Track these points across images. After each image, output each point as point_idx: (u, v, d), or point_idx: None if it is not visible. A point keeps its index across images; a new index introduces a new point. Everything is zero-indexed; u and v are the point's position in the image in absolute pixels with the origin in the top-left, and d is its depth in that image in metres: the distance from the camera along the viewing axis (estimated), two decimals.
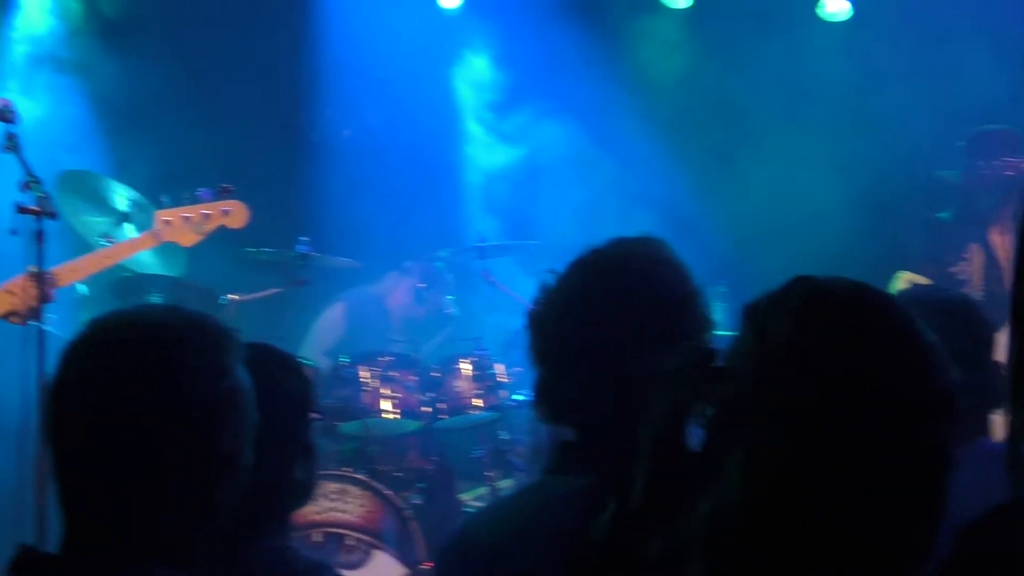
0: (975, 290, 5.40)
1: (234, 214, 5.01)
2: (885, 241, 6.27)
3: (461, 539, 2.13)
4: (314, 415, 2.41)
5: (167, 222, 4.89)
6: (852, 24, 7.62)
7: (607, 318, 1.97)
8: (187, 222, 4.90)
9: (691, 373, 1.39)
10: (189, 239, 4.95)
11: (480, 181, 8.11)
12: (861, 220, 6.78)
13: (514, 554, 1.92)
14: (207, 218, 4.94)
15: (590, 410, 1.96)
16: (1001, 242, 5.52)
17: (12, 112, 4.03)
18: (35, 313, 4.13)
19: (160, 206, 4.92)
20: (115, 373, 1.73)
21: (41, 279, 4.25)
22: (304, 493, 2.40)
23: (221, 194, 4.97)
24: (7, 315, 4.06)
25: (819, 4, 7.66)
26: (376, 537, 5.18)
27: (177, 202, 4.92)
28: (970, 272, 5.44)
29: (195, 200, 4.94)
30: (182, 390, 1.73)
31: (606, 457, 1.84)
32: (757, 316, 1.35)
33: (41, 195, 3.77)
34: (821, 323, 1.31)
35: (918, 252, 5.57)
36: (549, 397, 2.02)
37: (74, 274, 4.51)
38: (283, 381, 2.30)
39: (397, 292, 6.89)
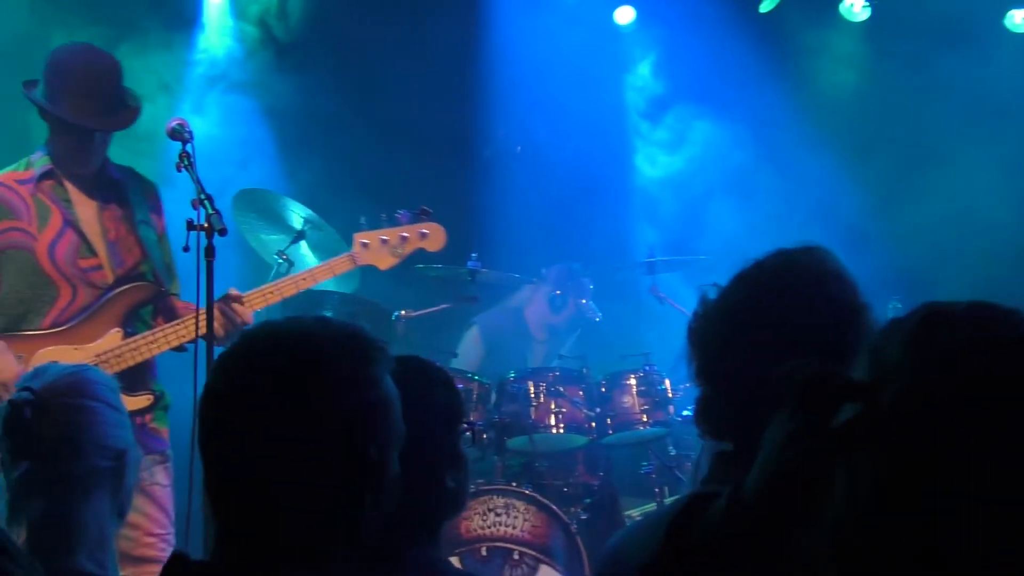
0: None
1: (432, 237, 4.99)
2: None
3: (615, 552, 2.10)
4: (465, 426, 2.43)
5: (365, 244, 4.88)
6: None
7: (770, 335, 1.92)
8: (384, 244, 4.89)
9: (816, 393, 1.33)
10: (386, 262, 4.93)
11: (650, 196, 8.07)
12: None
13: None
14: (405, 240, 4.93)
15: (750, 426, 1.88)
16: None
17: (187, 131, 4.18)
18: (233, 335, 4.23)
19: (358, 228, 4.91)
20: (264, 382, 1.77)
21: (239, 301, 4.39)
22: (455, 503, 2.41)
23: (420, 216, 4.95)
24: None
25: (1007, 15, 7.40)
26: (542, 552, 5.18)
27: (375, 224, 4.92)
28: None
29: (394, 222, 4.93)
30: (330, 399, 1.76)
31: None
32: (875, 338, 1.30)
33: (211, 212, 3.88)
34: (931, 341, 1.25)
35: None
36: (710, 414, 1.99)
37: (272, 296, 4.59)
38: (431, 392, 2.32)
39: (534, 302, 6.89)
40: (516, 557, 5.15)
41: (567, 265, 6.83)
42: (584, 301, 6.76)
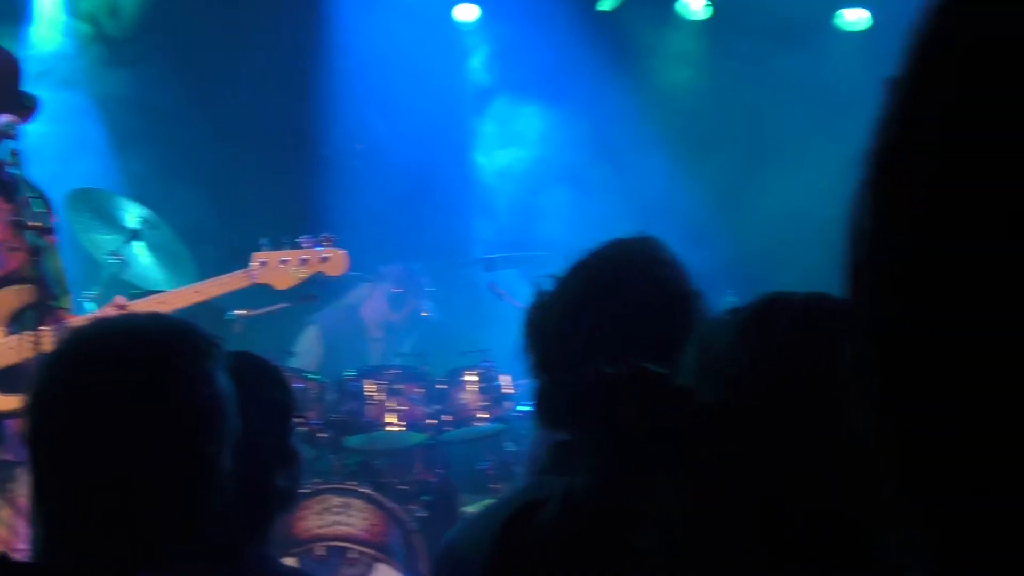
0: None
1: (333, 261, 5.01)
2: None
3: (452, 547, 2.11)
4: (297, 422, 2.43)
5: (263, 263, 4.88)
6: (871, 33, 7.61)
7: (605, 323, 1.95)
8: (284, 265, 4.90)
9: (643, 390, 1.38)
10: (285, 282, 4.94)
11: (489, 192, 8.14)
12: None
13: None
14: (305, 263, 4.94)
15: (588, 416, 1.93)
16: None
17: (15, 129, 4.07)
18: None
19: (258, 248, 4.91)
20: (96, 379, 1.76)
21: (124, 310, 4.28)
22: (286, 501, 2.41)
23: (322, 242, 4.99)
24: None
25: (837, 14, 7.65)
26: (380, 550, 5.19)
27: (276, 246, 4.92)
28: None
29: (294, 245, 4.95)
30: (163, 395, 1.76)
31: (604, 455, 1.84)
32: (704, 328, 1.35)
33: (41, 211, 3.80)
34: (769, 330, 1.31)
35: None
36: (549, 404, 2.00)
37: (160, 307, 4.51)
38: (263, 389, 2.32)
39: (371, 300, 6.90)
40: (353, 556, 5.15)
41: (406, 264, 6.86)
42: (422, 301, 6.80)
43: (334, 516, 5.19)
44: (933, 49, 0.67)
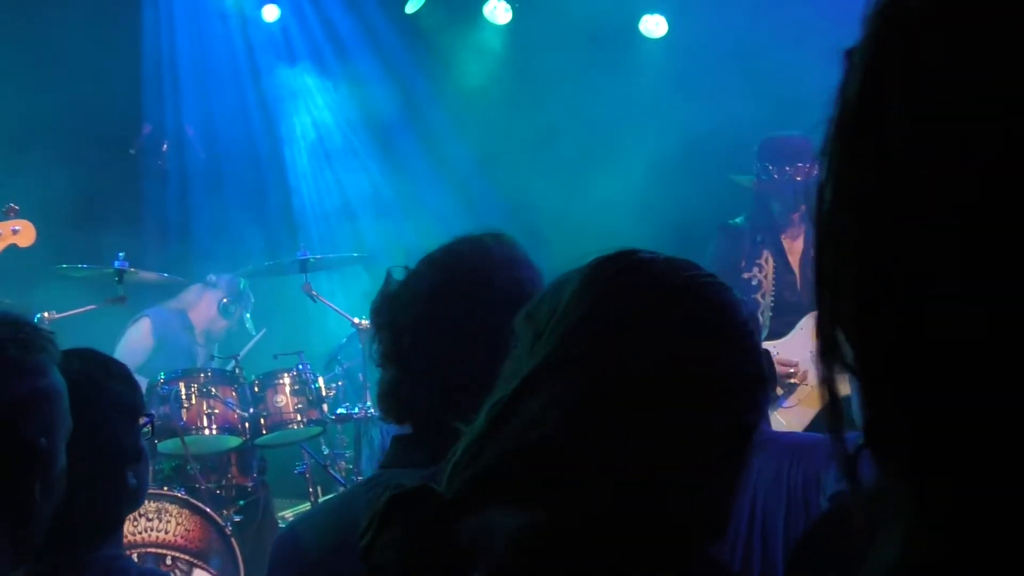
0: (767, 295, 5.54)
1: (23, 233, 5.02)
2: (684, 249, 6.42)
3: (292, 536, 2.07)
4: (145, 420, 2.37)
5: None
6: (668, 40, 7.82)
7: (461, 317, 1.94)
8: None
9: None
10: None
11: (302, 194, 8.08)
12: (665, 228, 6.96)
13: (353, 544, 1.89)
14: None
15: (437, 408, 1.93)
16: (791, 247, 5.68)
17: None
18: None
19: None
20: None
21: None
22: (135, 499, 2.35)
23: (8, 214, 4.91)
24: None
25: (641, 19, 7.84)
26: (196, 556, 5.08)
27: None
28: (761, 277, 5.57)
29: None
30: None
31: (446, 448, 1.86)
32: (555, 289, 1.36)
33: None
34: (604, 278, 1.33)
35: (713, 257, 5.63)
36: (396, 396, 1.98)
37: None
38: (111, 385, 2.25)
39: (200, 305, 6.80)
40: (169, 562, 5.02)
41: (236, 276, 6.77)
42: (247, 315, 6.74)
43: (149, 522, 5.06)
44: (893, 19, 0.69)
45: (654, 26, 7.82)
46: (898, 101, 0.66)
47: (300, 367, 5.94)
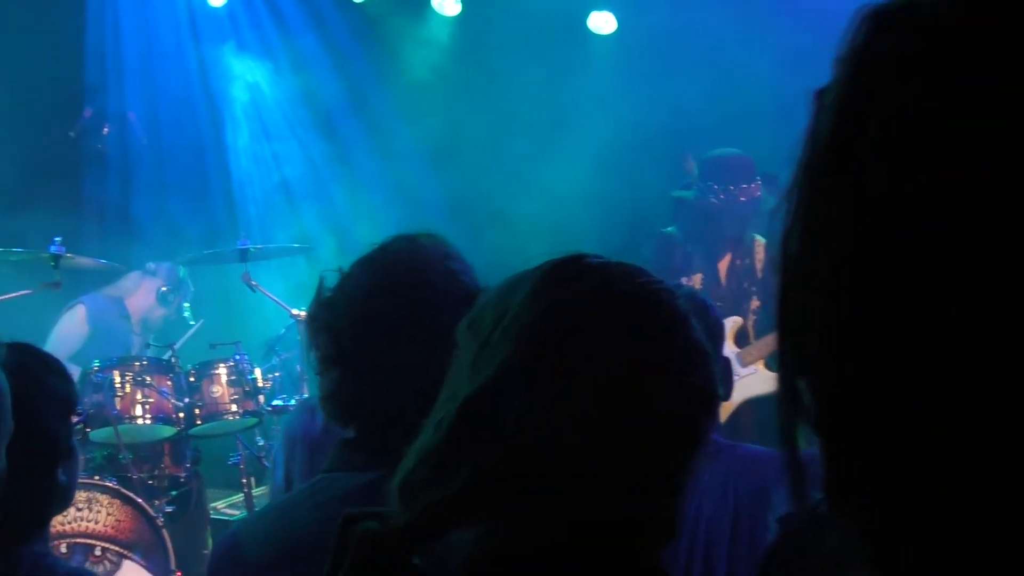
0: None
1: None
2: (635, 244, 6.46)
3: (234, 542, 2.03)
4: (77, 418, 2.34)
5: None
6: (617, 37, 7.84)
7: (403, 317, 1.94)
8: None
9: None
10: None
11: (246, 184, 8.02)
12: (614, 224, 6.99)
13: (298, 552, 1.87)
14: None
15: (381, 410, 1.92)
16: (726, 265, 5.75)
17: None
18: None
19: None
20: None
21: None
22: (65, 497, 2.32)
23: None
24: None
25: (588, 17, 7.85)
26: (126, 547, 5.04)
27: None
28: (690, 287, 5.62)
29: None
30: None
31: (394, 451, 1.85)
32: (500, 296, 1.35)
33: None
34: (563, 287, 1.32)
35: (647, 263, 5.66)
36: (340, 399, 1.98)
37: None
38: (47, 382, 2.22)
39: (138, 293, 6.73)
40: (98, 553, 4.97)
41: (176, 264, 6.70)
42: (186, 304, 6.68)
43: (78, 512, 5.00)
44: (867, 63, 0.67)
45: (603, 22, 7.84)
46: (874, 150, 0.64)
47: (237, 357, 5.89)
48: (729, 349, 5.42)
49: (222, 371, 5.83)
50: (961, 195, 0.61)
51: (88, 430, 5.40)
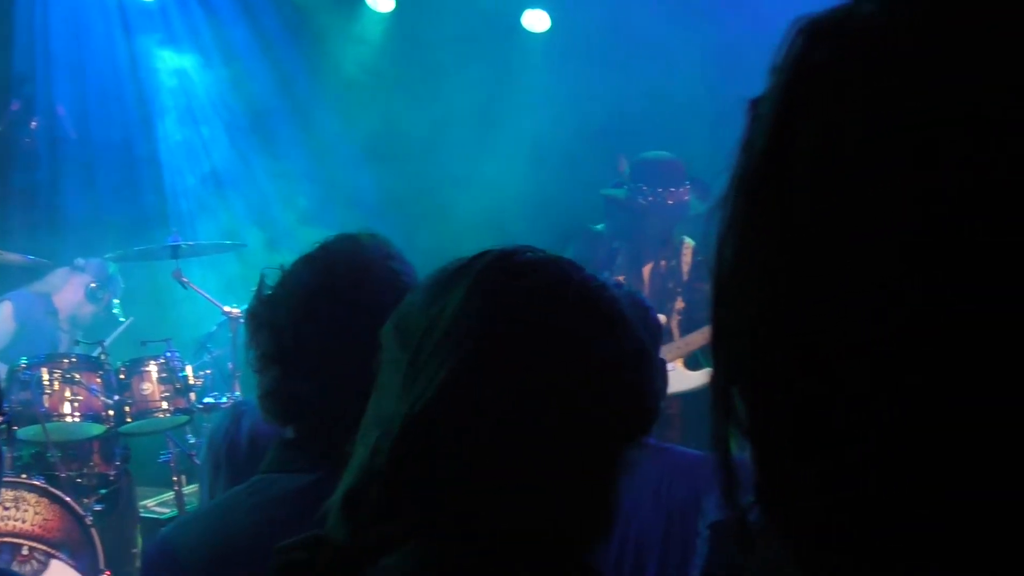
0: None
1: None
2: (553, 248, 6.47)
3: (166, 550, 1.98)
4: (2, 419, 2.33)
5: None
6: (551, 36, 7.87)
7: (345, 315, 1.94)
8: None
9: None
10: None
11: (177, 180, 7.96)
12: (542, 228, 7.01)
13: (235, 555, 1.86)
14: None
15: (322, 409, 1.91)
16: (652, 265, 5.83)
17: None
18: None
19: None
20: None
21: None
22: None
23: None
24: None
25: (523, 14, 7.88)
26: (54, 546, 5.00)
27: None
28: (633, 289, 5.68)
29: None
30: None
31: (334, 452, 1.86)
32: (430, 298, 1.33)
33: None
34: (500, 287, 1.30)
35: (572, 258, 5.72)
36: (279, 397, 1.97)
37: None
38: None
39: (67, 290, 6.65)
40: (26, 552, 4.93)
41: (106, 260, 6.63)
42: (116, 300, 6.61)
43: (5, 511, 4.96)
44: (801, 74, 0.67)
45: (537, 20, 7.87)
46: (807, 161, 0.64)
47: (168, 354, 5.84)
48: None
49: (153, 368, 5.78)
50: (898, 204, 0.61)
51: (15, 428, 5.34)
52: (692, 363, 5.61)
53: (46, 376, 5.51)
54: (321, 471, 1.86)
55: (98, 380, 5.66)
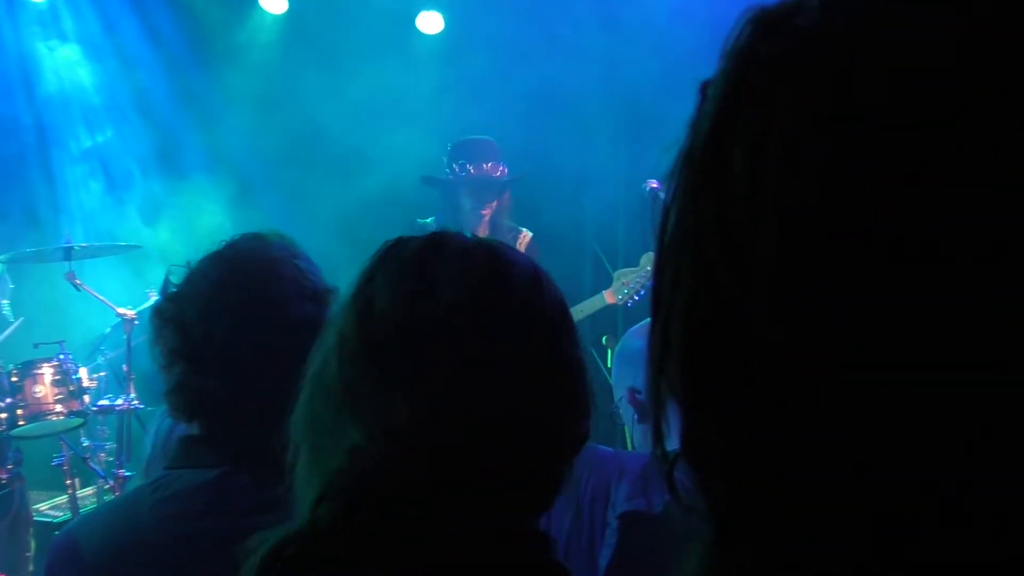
0: None
1: None
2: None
3: (69, 544, 1.97)
4: None
5: None
6: (445, 37, 7.93)
7: (252, 302, 1.97)
8: None
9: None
10: None
11: (69, 180, 7.86)
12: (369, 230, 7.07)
13: (139, 550, 1.87)
14: None
15: (229, 403, 1.93)
16: None
17: None
18: None
19: None
20: None
21: None
22: None
23: None
24: None
25: (418, 15, 7.91)
26: None
27: None
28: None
29: None
30: None
31: (238, 447, 1.89)
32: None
33: None
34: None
35: None
36: (187, 393, 1.98)
37: None
38: None
39: None
40: None
41: None
42: (5, 301, 6.51)
43: None
44: (748, 63, 0.68)
45: (431, 22, 7.93)
46: (741, 152, 0.65)
47: (61, 357, 5.80)
48: None
49: (46, 371, 5.74)
50: (812, 204, 0.62)
51: None
52: None
53: None
54: (225, 466, 1.91)
55: None
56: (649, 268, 5.58)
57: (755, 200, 0.64)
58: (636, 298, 5.72)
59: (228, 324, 1.96)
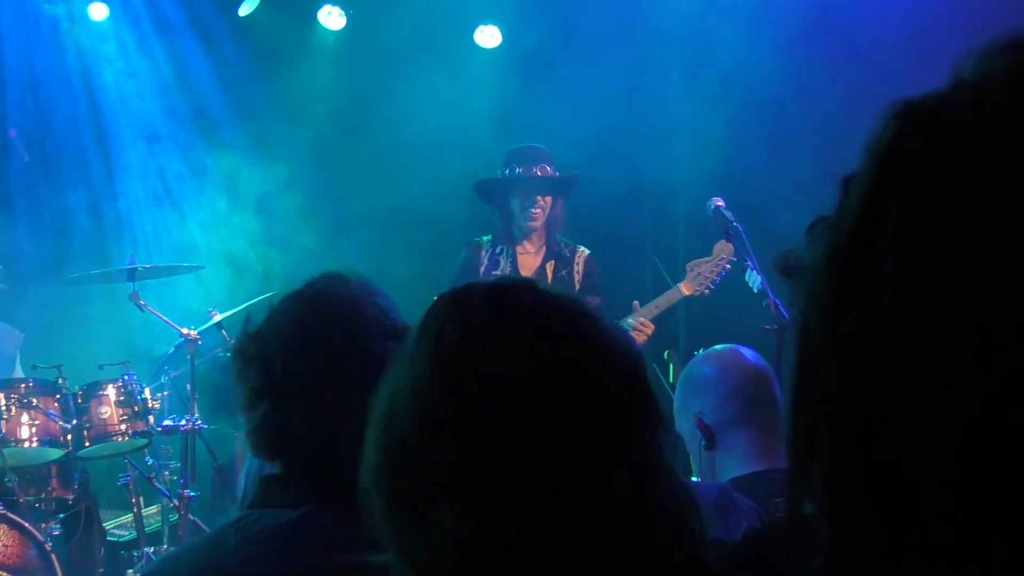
0: None
1: None
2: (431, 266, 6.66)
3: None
4: None
5: None
6: (503, 50, 7.93)
7: (334, 340, 1.97)
8: None
9: None
10: None
11: (133, 200, 7.94)
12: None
13: None
14: None
15: (314, 441, 1.93)
16: (524, 262, 5.98)
17: None
18: None
19: None
20: None
21: None
22: None
23: None
24: None
25: (477, 30, 7.94)
26: (13, 572, 5.02)
27: None
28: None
29: None
30: None
31: (318, 487, 1.88)
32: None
33: None
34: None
35: (456, 269, 6.01)
36: (273, 429, 1.97)
37: None
38: None
39: None
40: None
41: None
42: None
43: None
44: (893, 161, 0.67)
45: (488, 37, 7.94)
46: (889, 251, 0.65)
47: (126, 377, 5.85)
48: None
49: (111, 392, 5.79)
50: (972, 305, 0.61)
51: None
52: None
53: (3, 401, 5.52)
54: (306, 505, 1.90)
55: (55, 404, 5.66)
56: (723, 255, 5.55)
57: (907, 301, 0.63)
58: (712, 287, 5.63)
59: (311, 362, 1.96)
